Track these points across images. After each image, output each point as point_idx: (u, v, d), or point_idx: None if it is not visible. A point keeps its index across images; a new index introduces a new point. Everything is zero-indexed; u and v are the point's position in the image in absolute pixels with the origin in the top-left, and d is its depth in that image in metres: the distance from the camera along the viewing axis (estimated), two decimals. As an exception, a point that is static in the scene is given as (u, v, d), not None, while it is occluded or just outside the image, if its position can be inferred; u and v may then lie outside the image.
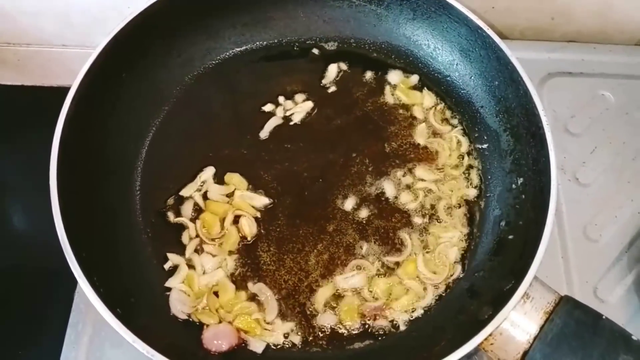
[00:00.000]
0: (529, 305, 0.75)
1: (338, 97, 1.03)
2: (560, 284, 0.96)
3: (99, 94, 0.89)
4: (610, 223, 1.02)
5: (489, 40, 0.93)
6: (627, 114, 1.12)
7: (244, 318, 0.84)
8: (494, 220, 0.91)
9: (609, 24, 1.19)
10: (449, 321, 0.83)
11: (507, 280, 0.78)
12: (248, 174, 0.95)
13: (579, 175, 1.06)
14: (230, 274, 0.88)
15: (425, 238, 0.91)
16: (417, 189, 0.95)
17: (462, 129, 1.00)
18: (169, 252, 0.88)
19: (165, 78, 1.00)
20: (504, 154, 0.94)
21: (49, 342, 0.95)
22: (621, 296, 0.96)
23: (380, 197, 0.94)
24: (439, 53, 1.03)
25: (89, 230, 0.81)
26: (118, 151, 0.93)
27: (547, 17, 1.18)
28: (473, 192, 0.95)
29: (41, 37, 1.20)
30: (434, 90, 1.03)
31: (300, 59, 1.07)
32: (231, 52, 1.05)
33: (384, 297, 0.87)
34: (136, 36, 0.92)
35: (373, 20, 1.06)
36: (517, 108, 0.91)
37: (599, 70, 1.16)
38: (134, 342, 0.71)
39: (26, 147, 1.19)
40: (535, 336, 0.74)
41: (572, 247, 0.99)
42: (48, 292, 1.03)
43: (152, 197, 0.93)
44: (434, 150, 0.98)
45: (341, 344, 0.84)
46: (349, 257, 0.89)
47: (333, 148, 0.98)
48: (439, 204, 0.94)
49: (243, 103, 1.02)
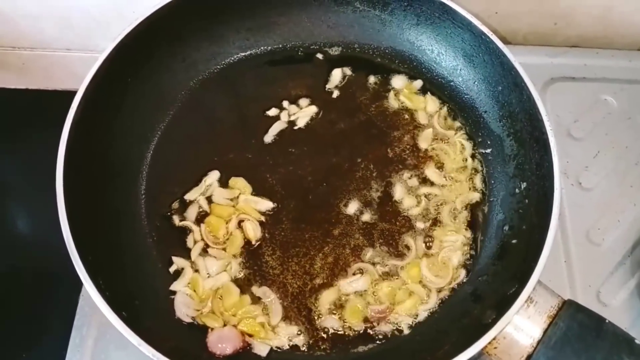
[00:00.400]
0: (533, 309, 0.76)
1: (342, 102, 1.03)
2: (563, 288, 0.96)
3: (105, 99, 0.90)
4: (613, 227, 1.02)
5: (493, 46, 0.93)
6: (629, 118, 1.12)
7: (249, 321, 0.84)
8: (498, 224, 0.91)
9: (611, 29, 1.20)
10: (453, 325, 0.83)
11: (510, 285, 0.78)
12: (252, 178, 0.95)
13: (582, 180, 1.06)
14: (235, 278, 0.88)
15: (429, 242, 0.91)
16: (421, 194, 0.95)
17: (465, 133, 1.00)
18: (174, 256, 0.89)
19: (170, 82, 1.00)
20: (508, 159, 0.94)
21: (53, 345, 0.95)
22: (624, 300, 0.96)
23: (384, 201, 0.95)
24: (442, 58, 1.04)
25: (94, 233, 0.82)
26: (123, 155, 0.93)
27: (550, 22, 1.18)
28: (477, 197, 0.95)
29: (44, 41, 1.20)
30: (437, 95, 1.04)
31: (304, 64, 1.07)
32: (236, 56, 1.05)
33: (387, 300, 0.87)
34: (142, 41, 0.93)
35: (377, 26, 1.06)
36: (521, 113, 0.92)
37: (601, 75, 1.17)
38: (140, 345, 0.71)
39: (29, 150, 1.20)
40: (539, 340, 0.74)
41: (575, 251, 1.00)
42: (51, 294, 1.03)
43: (157, 200, 0.93)
44: (438, 155, 0.98)
45: (345, 348, 0.84)
46: (353, 261, 0.90)
47: (337, 152, 0.99)
48: (443, 208, 0.94)
49: (247, 107, 1.03)
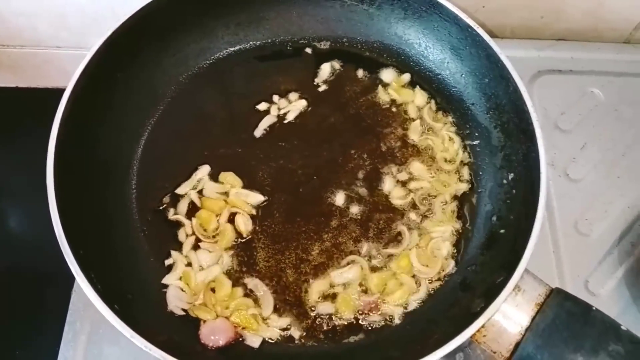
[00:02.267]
0: (521, 297, 0.77)
1: (331, 96, 1.04)
2: (552, 278, 0.97)
3: (94, 94, 0.90)
4: (600, 218, 1.03)
5: (479, 39, 0.94)
6: (616, 110, 1.14)
7: (241, 313, 0.84)
8: (486, 215, 0.92)
9: (598, 22, 1.21)
10: (443, 314, 0.84)
11: (498, 274, 0.79)
12: (243, 172, 0.96)
13: (570, 171, 1.07)
14: (227, 270, 0.89)
15: (419, 233, 0.92)
16: (410, 185, 0.96)
17: (454, 125, 1.01)
18: (166, 250, 0.89)
19: (159, 78, 1.00)
20: (495, 150, 0.95)
21: (46, 341, 0.95)
22: (612, 289, 0.98)
23: (374, 193, 0.95)
24: (430, 52, 1.05)
25: (85, 228, 0.82)
26: (114, 150, 0.94)
27: (537, 15, 1.19)
28: (465, 188, 0.96)
29: (35, 39, 1.20)
30: (425, 88, 1.04)
31: (293, 59, 1.07)
32: (225, 52, 1.06)
33: (378, 291, 0.88)
34: (130, 37, 0.93)
35: (365, 20, 1.07)
36: (507, 105, 0.93)
37: (588, 67, 1.18)
38: (132, 337, 0.72)
39: (21, 149, 1.20)
40: (527, 327, 0.75)
41: (564, 242, 1.01)
42: (45, 291, 1.04)
43: (148, 195, 0.93)
44: (427, 147, 0.99)
45: (337, 338, 0.85)
46: (344, 253, 0.90)
47: (327, 146, 0.99)
48: (432, 199, 0.95)
49: (237, 102, 1.03)
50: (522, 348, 0.74)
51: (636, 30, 1.22)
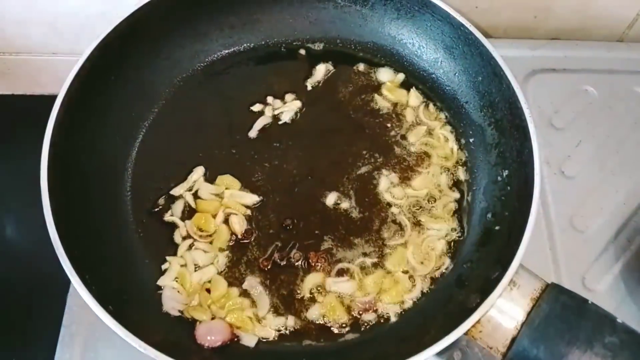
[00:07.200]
0: (516, 292, 0.77)
1: (326, 97, 1.04)
2: (548, 274, 0.97)
3: (88, 97, 0.90)
4: (596, 214, 1.03)
5: (471, 37, 0.95)
6: (610, 107, 1.14)
7: (236, 313, 0.84)
8: (481, 212, 0.92)
9: (590, 21, 1.21)
10: (438, 311, 0.84)
11: (494, 270, 0.79)
12: (238, 173, 0.96)
13: (565, 169, 1.07)
14: (222, 271, 0.88)
15: (415, 230, 0.92)
16: (405, 185, 0.96)
17: (448, 124, 1.01)
18: (161, 251, 0.89)
19: (154, 80, 1.01)
20: (489, 148, 0.96)
21: (43, 344, 0.95)
22: (609, 285, 0.97)
23: (369, 192, 0.95)
24: (423, 51, 1.05)
25: (80, 229, 0.82)
26: (109, 153, 0.94)
27: (530, 15, 1.20)
28: (460, 185, 0.96)
29: (29, 46, 1.20)
30: (419, 88, 1.05)
31: (287, 60, 1.08)
32: (219, 54, 1.06)
33: (374, 291, 0.87)
34: (124, 40, 0.93)
35: (358, 21, 1.07)
36: (501, 102, 0.93)
37: (581, 66, 1.18)
38: (127, 337, 0.72)
39: (16, 156, 1.20)
40: (523, 322, 0.75)
41: (560, 239, 1.01)
42: (41, 295, 1.03)
43: (143, 197, 0.94)
44: (422, 146, 0.99)
45: (333, 336, 0.84)
46: (339, 253, 0.90)
47: (322, 146, 1.00)
48: (427, 198, 0.95)
49: (232, 103, 1.03)
50: (518, 343, 0.74)
51: (629, 29, 1.22)
